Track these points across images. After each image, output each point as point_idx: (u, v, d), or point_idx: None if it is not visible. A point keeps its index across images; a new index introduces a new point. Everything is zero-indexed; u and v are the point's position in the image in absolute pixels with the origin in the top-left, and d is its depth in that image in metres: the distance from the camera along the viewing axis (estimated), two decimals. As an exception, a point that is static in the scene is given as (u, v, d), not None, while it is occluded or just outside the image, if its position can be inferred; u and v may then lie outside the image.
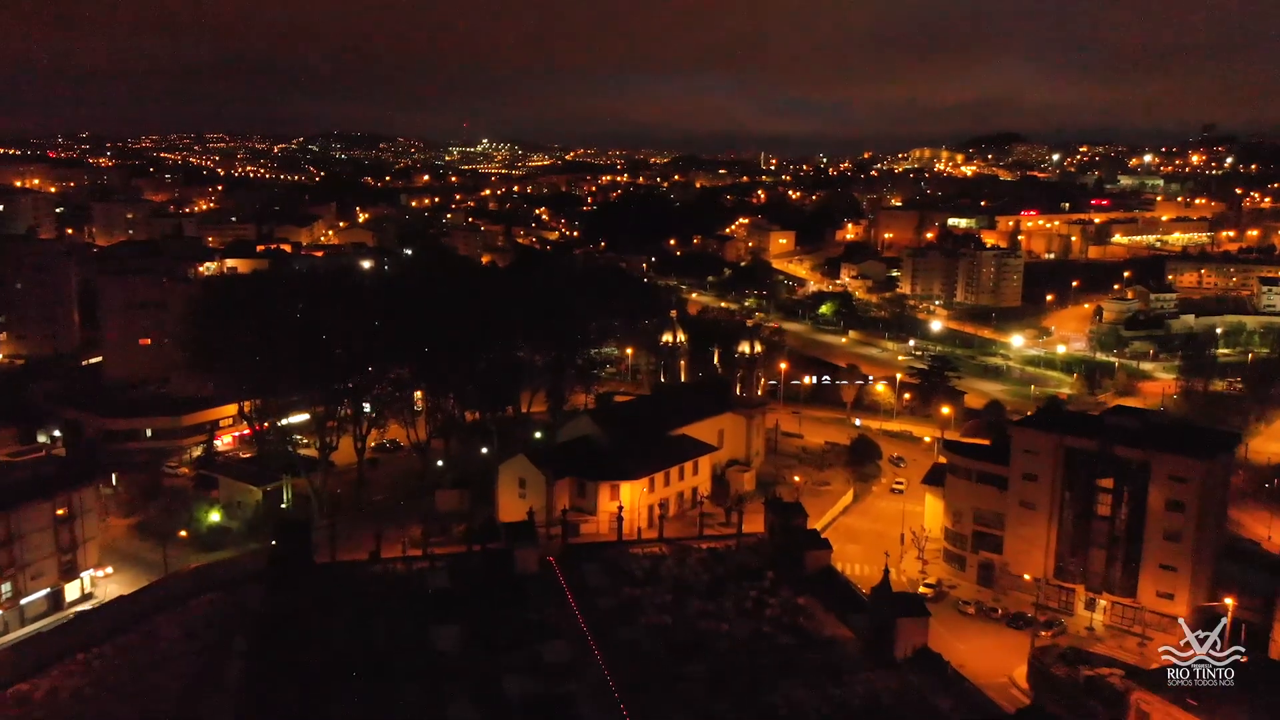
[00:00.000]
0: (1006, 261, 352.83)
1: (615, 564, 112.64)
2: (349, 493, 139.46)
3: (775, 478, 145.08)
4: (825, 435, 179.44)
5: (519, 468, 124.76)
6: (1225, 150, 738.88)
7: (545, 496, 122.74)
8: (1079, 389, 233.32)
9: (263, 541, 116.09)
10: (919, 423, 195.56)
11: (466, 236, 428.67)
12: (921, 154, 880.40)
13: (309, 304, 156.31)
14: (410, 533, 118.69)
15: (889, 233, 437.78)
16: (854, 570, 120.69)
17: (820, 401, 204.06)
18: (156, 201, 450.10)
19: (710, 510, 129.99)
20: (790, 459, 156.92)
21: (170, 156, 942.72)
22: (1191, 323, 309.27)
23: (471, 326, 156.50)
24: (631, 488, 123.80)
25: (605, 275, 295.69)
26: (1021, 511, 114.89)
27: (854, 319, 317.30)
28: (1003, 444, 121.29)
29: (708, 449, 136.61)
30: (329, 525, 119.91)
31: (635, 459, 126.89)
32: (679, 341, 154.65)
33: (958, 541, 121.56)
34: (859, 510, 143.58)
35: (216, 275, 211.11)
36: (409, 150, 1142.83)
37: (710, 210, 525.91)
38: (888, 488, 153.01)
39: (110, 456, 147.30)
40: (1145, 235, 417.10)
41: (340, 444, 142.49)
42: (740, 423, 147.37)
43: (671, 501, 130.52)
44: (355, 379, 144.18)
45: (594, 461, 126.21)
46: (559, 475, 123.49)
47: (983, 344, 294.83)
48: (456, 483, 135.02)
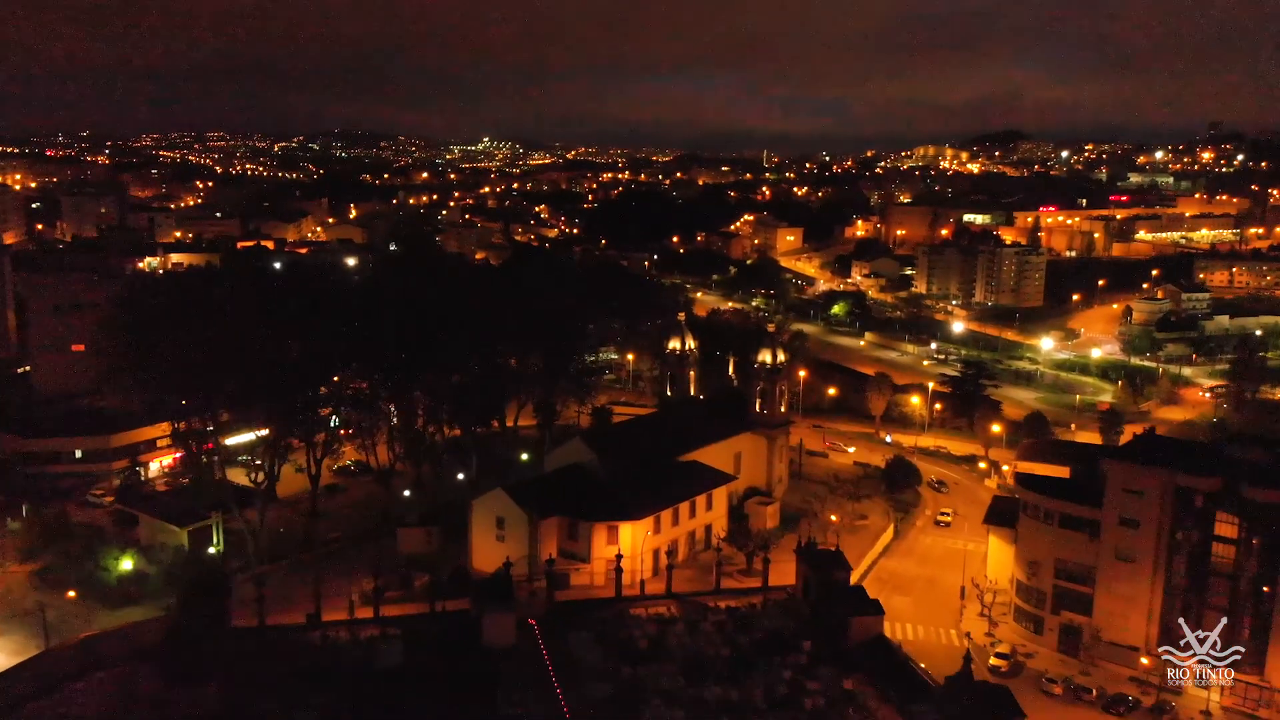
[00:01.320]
0: (1028, 259, 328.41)
1: (612, 631, 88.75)
2: (298, 529, 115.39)
3: (803, 510, 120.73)
4: (853, 454, 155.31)
5: (496, 504, 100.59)
6: (1233, 148, 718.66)
7: (528, 540, 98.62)
8: (1122, 397, 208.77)
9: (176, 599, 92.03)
10: (953, 437, 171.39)
11: (460, 233, 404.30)
12: (926, 152, 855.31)
13: (261, 304, 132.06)
14: (361, 586, 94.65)
15: (901, 229, 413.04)
16: (907, 634, 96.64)
17: (843, 413, 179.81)
18: (142, 197, 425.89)
19: (727, 552, 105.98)
20: (818, 485, 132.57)
21: (169, 155, 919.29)
22: (1226, 324, 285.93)
23: (451, 330, 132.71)
24: (633, 529, 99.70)
25: (605, 272, 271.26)
26: (1117, 565, 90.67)
27: (869, 320, 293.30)
28: (1088, 478, 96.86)
29: (724, 479, 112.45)
30: (259, 576, 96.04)
31: (638, 493, 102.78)
32: (688, 349, 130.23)
33: (1033, 598, 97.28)
34: (901, 549, 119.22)
35: (148, 271, 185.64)
36: (409, 149, 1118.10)
37: (714, 207, 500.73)
38: (931, 519, 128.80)
39: (26, 483, 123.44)
40: (1169, 232, 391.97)
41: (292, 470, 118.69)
42: (760, 445, 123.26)
43: (681, 543, 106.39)
44: (308, 393, 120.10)
45: (588, 496, 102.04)
46: (545, 513, 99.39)
47: (1007, 347, 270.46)
48: (424, 518, 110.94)
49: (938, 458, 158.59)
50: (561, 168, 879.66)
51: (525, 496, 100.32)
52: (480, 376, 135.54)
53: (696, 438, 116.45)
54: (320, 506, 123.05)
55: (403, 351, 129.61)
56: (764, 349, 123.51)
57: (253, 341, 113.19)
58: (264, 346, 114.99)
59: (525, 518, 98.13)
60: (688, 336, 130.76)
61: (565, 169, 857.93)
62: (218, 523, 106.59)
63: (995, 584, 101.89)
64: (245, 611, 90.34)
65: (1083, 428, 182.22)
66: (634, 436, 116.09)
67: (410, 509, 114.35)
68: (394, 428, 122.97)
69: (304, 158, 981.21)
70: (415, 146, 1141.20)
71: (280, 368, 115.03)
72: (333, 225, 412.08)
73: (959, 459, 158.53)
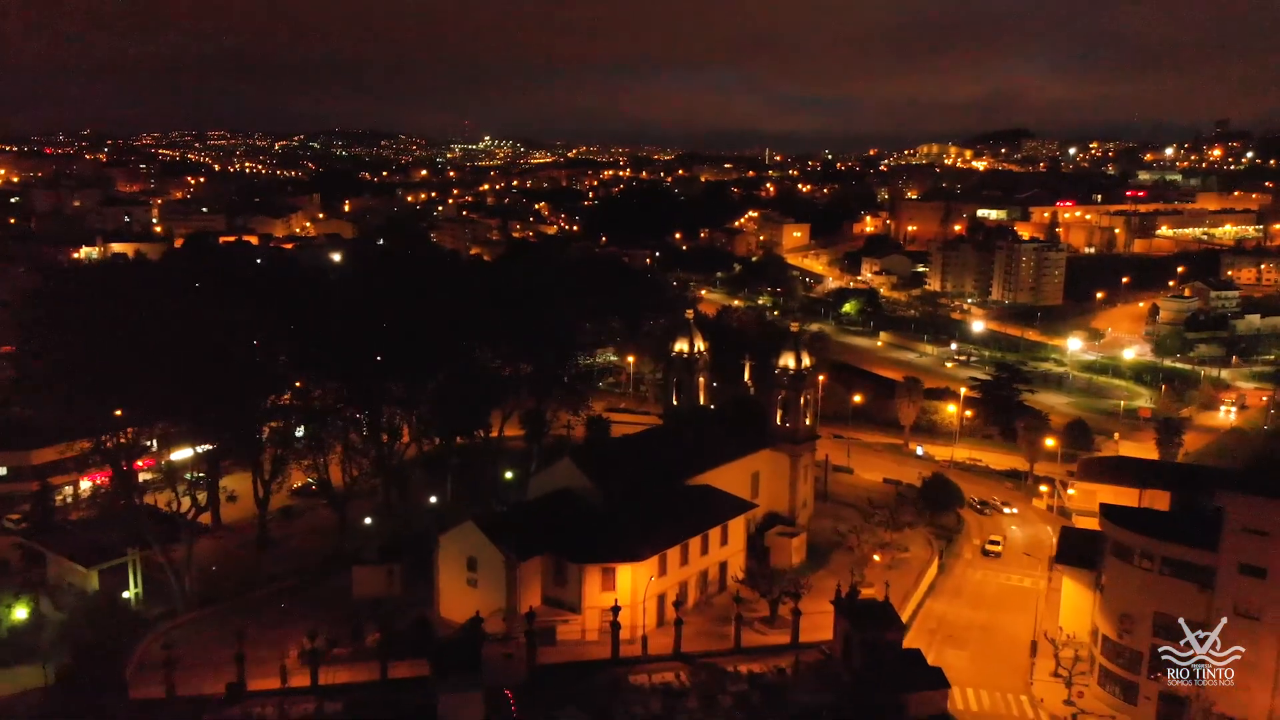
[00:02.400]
0: (1048, 255, 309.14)
1: (605, 707, 69.82)
2: (242, 563, 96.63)
3: (834, 541, 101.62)
4: (880, 468, 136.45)
5: (467, 541, 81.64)
6: (1241, 145, 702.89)
7: (505, 586, 79.72)
8: (1163, 402, 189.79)
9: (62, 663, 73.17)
10: (986, 448, 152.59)
11: (455, 229, 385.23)
12: (929, 150, 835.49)
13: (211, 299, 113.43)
14: (300, 644, 75.73)
15: (912, 225, 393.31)
16: (968, 703, 77.51)
17: (864, 420, 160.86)
18: (128, 191, 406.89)
19: (746, 595, 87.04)
20: (847, 508, 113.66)
21: (169, 153, 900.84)
22: (1258, 323, 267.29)
23: (431, 329, 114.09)
24: (634, 572, 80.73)
25: (603, 266, 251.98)
26: (1236, 623, 71.51)
27: (882, 319, 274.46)
28: (1192, 512, 77.83)
29: (742, 506, 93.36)
30: (170, 633, 77.43)
31: (640, 526, 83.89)
32: (698, 351, 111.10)
33: (1124, 659, 78.21)
34: (948, 587, 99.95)
35: (86, 262, 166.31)
36: (410, 148, 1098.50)
37: (717, 203, 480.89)
38: (978, 548, 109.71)
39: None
40: (1190, 228, 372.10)
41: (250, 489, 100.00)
42: (782, 463, 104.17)
43: (691, 586, 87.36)
44: (257, 402, 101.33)
45: (579, 530, 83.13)
46: (526, 553, 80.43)
47: (1029, 347, 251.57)
48: (386, 552, 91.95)
49: (975, 473, 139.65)
50: (562, 166, 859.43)
51: (502, 531, 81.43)
52: (460, 381, 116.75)
53: (708, 457, 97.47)
54: (271, 534, 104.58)
55: (372, 353, 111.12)
56: (786, 352, 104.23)
57: (192, 341, 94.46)
58: (208, 347, 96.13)
59: (501, 559, 79.24)
60: (697, 337, 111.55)
61: (566, 167, 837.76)
62: (134, 561, 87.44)
63: (1072, 637, 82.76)
64: (153, 678, 71.73)
65: (1127, 436, 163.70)
66: (635, 456, 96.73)
67: (369, 541, 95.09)
68: (349, 443, 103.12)
69: (304, 156, 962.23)
70: (416, 145, 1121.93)
71: (226, 372, 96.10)
72: (323, 221, 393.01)
73: (1000, 474, 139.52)
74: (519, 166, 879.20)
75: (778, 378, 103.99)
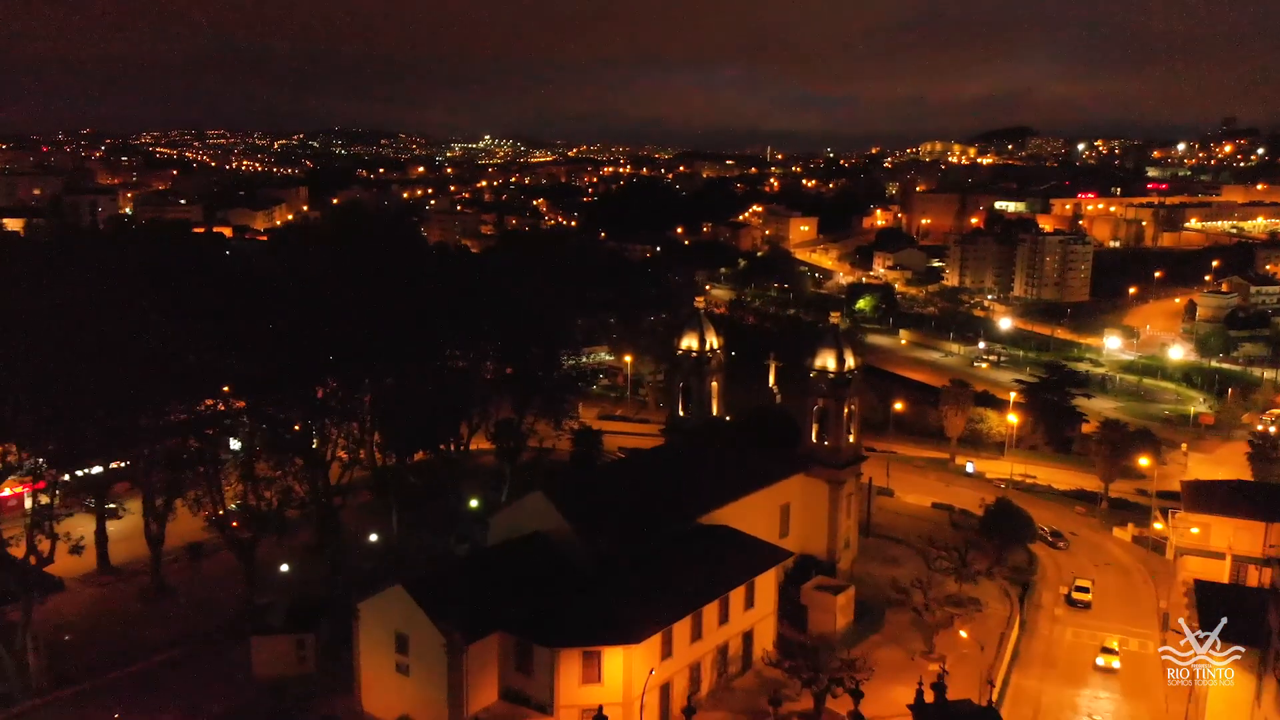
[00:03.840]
0: (1074, 249, 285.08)
1: None
2: (121, 624, 73.01)
3: (889, 597, 77.24)
4: (926, 489, 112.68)
5: (394, 612, 57.75)
6: (1250, 142, 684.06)
7: (446, 676, 55.83)
8: (1225, 408, 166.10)
9: None
10: (1037, 461, 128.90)
11: (445, 221, 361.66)
12: (932, 147, 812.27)
13: (107, 286, 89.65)
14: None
15: (926, 219, 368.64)
16: None
17: (901, 431, 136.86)
18: (108, 184, 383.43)
19: (777, 677, 63.26)
20: (895, 544, 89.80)
21: (167, 151, 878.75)
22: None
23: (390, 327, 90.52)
24: (628, 657, 56.81)
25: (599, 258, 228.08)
26: None
27: (900, 316, 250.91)
28: None
29: (774, 555, 69.44)
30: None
31: (636, 590, 60.10)
32: (709, 349, 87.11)
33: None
34: (1035, 653, 75.75)
35: None
36: (410, 147, 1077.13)
37: (720, 198, 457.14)
38: (1061, 596, 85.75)
39: None
40: (1219, 221, 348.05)
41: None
42: (819, 492, 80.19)
43: (705, 667, 63.41)
44: (151, 414, 77.53)
45: (553, 595, 59.27)
46: (477, 630, 56.58)
47: (1059, 346, 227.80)
48: (295, 616, 67.97)
49: (1035, 493, 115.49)
50: (562, 164, 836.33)
51: (445, 597, 57.58)
52: (417, 383, 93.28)
53: (726, 486, 73.57)
54: (169, 581, 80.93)
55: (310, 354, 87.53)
56: (825, 350, 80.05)
57: (78, 339, 71.34)
58: (91, 346, 72.73)
59: (441, 640, 55.33)
60: (709, 332, 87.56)
61: (566, 164, 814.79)
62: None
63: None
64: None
65: (1195, 448, 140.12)
66: (630, 488, 72.58)
67: (274, 603, 70.66)
68: (252, 466, 77.79)
69: (303, 155, 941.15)
70: (416, 144, 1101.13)
71: (116, 375, 72.52)
72: (308, 214, 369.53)
73: (1067, 495, 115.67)
74: (518, 165, 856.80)
75: (814, 383, 79.87)
